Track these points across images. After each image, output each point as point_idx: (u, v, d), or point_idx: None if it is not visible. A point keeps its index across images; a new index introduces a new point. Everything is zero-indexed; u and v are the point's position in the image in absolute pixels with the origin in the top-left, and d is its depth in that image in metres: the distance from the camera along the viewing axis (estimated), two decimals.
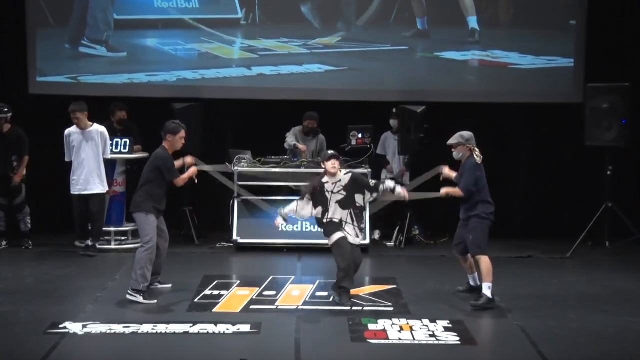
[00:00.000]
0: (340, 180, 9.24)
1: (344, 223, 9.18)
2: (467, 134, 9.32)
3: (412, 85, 13.21)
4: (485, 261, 9.18)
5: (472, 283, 9.68)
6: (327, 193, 9.20)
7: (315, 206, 9.23)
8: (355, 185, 9.24)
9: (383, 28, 13.31)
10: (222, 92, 13.20)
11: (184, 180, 9.46)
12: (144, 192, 9.36)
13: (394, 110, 12.73)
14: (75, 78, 13.23)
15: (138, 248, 9.40)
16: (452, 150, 9.36)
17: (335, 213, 9.19)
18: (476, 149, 9.28)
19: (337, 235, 9.13)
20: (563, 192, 13.27)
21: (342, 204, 9.19)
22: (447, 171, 9.50)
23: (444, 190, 9.31)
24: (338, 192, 9.21)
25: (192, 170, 9.62)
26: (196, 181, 9.64)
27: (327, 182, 9.24)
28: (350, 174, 9.35)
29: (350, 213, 9.20)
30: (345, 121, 12.38)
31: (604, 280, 10.67)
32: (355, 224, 9.22)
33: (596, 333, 8.46)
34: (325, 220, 9.22)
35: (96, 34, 13.22)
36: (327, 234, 9.21)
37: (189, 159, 9.79)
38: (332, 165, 9.21)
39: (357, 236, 9.25)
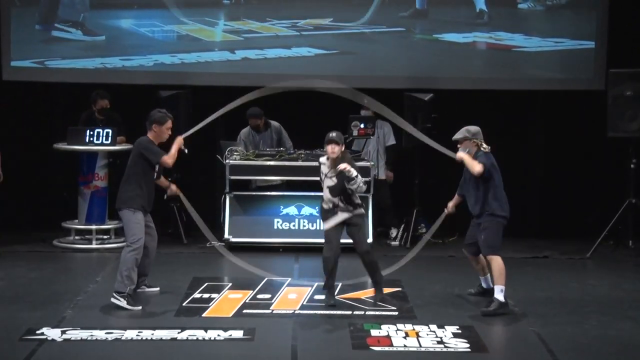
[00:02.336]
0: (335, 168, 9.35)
1: (336, 208, 9.32)
2: (473, 128, 9.33)
3: (411, 71, 13.16)
4: (497, 262, 9.18)
5: (484, 285, 9.69)
6: (321, 175, 9.40)
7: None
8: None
9: (377, 7, 13.24)
10: (207, 78, 13.16)
11: (173, 157, 9.25)
12: (129, 186, 9.33)
13: (366, 101, 12.71)
14: (43, 63, 13.08)
15: (124, 247, 9.37)
16: (458, 145, 9.36)
17: (326, 197, 9.35)
18: (483, 144, 9.27)
19: (325, 225, 9.37)
20: (582, 188, 13.26)
21: (332, 191, 9.32)
22: (451, 205, 9.58)
23: (459, 154, 9.25)
24: (331, 177, 9.32)
25: (178, 140, 9.40)
26: (186, 150, 9.49)
27: (324, 164, 9.42)
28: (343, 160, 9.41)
29: (341, 199, 9.32)
30: (339, 110, 12.29)
31: (628, 283, 10.68)
32: (349, 207, 9.32)
33: (620, 341, 8.46)
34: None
35: (71, 14, 13.13)
36: (322, 219, 9.50)
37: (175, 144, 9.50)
38: (331, 150, 9.31)
39: (356, 209, 9.36)
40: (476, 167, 9.13)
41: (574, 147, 13.29)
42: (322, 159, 9.48)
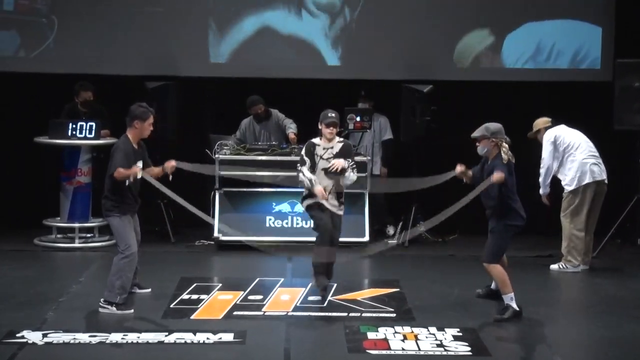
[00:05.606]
0: (332, 147, 9.48)
1: (326, 191, 9.40)
2: (493, 125, 9.10)
3: (410, 59, 13.12)
4: (497, 270, 9.07)
5: (494, 287, 9.51)
6: (316, 156, 9.45)
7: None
8: (344, 154, 9.45)
9: None
10: (200, 69, 13.09)
11: (122, 175, 9.01)
12: (112, 191, 9.23)
13: (362, 92, 12.71)
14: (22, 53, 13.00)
15: (116, 255, 9.27)
16: (477, 144, 9.23)
17: (321, 180, 9.40)
18: (504, 144, 9.06)
19: (311, 200, 9.43)
20: None
21: (329, 173, 9.40)
22: (460, 169, 9.19)
23: (459, 168, 9.07)
24: (327, 159, 9.43)
25: (169, 165, 9.32)
26: (170, 178, 9.45)
27: (319, 145, 9.51)
28: (343, 142, 9.58)
29: (332, 190, 9.42)
30: (335, 102, 12.23)
31: (635, 282, 10.70)
32: (337, 202, 9.45)
33: (626, 343, 8.46)
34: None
35: None
36: (304, 198, 9.53)
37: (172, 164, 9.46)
38: (330, 132, 9.45)
39: (339, 208, 9.47)
40: (495, 178, 8.86)
41: None
42: (316, 140, 9.55)
